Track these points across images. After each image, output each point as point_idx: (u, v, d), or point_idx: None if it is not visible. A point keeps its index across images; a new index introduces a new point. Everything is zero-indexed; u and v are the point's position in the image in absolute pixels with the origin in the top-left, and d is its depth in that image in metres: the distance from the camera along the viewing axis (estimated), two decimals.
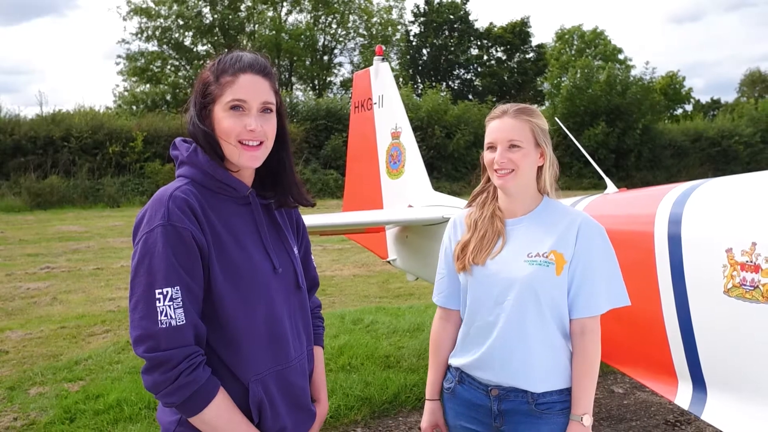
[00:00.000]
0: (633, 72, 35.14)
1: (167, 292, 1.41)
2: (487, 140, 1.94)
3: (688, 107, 50.25)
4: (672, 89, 47.15)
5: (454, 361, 2.05)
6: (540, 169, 1.93)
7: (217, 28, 38.29)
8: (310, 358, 1.74)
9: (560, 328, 1.89)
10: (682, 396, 2.43)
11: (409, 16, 51.49)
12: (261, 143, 1.55)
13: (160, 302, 1.40)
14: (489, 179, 2.01)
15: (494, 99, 35.12)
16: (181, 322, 1.42)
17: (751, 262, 2.12)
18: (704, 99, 55.99)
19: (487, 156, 1.94)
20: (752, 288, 2.11)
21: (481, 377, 1.96)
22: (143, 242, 1.44)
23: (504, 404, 1.91)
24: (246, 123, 1.52)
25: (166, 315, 1.40)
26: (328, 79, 42.50)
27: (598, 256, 1.88)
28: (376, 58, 5.56)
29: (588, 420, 1.86)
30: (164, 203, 1.45)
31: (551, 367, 1.88)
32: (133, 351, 1.45)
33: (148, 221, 1.46)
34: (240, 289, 1.52)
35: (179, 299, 1.42)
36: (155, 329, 1.40)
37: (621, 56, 44.29)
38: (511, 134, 1.88)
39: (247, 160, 1.55)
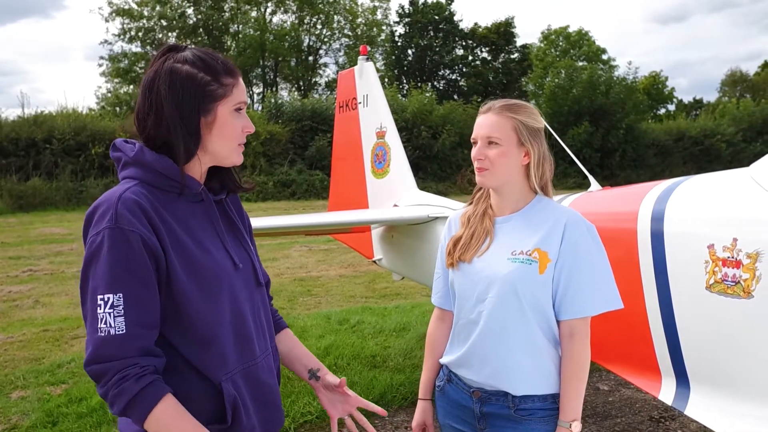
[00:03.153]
0: (616, 72, 35.48)
1: (108, 298, 1.36)
2: (472, 135, 1.93)
3: (671, 107, 50.84)
4: (655, 89, 47.61)
5: (444, 359, 2.05)
6: (528, 167, 1.89)
7: (201, 29, 38.09)
8: (275, 355, 1.72)
9: (544, 329, 1.84)
10: (666, 392, 2.45)
11: (394, 17, 51.51)
12: None
13: (100, 309, 1.36)
14: None
15: (479, 99, 35.22)
16: (121, 332, 1.36)
17: (733, 257, 2.14)
18: (687, 99, 56.66)
19: (472, 151, 1.92)
20: (734, 283, 2.13)
21: (465, 375, 1.94)
22: (89, 245, 1.39)
23: (486, 407, 1.89)
24: (245, 124, 1.57)
25: (105, 323, 1.35)
26: (314, 79, 42.44)
27: (586, 256, 1.82)
28: (360, 57, 5.55)
29: (577, 427, 1.81)
30: (112, 205, 1.40)
31: (532, 369, 1.84)
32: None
33: (96, 224, 1.40)
34: (204, 288, 1.48)
35: (120, 307, 1.36)
36: (95, 337, 1.36)
37: (605, 56, 44.65)
38: (490, 131, 1.85)
39: (240, 159, 1.59)
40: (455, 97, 37.61)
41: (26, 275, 9.65)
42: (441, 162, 27.38)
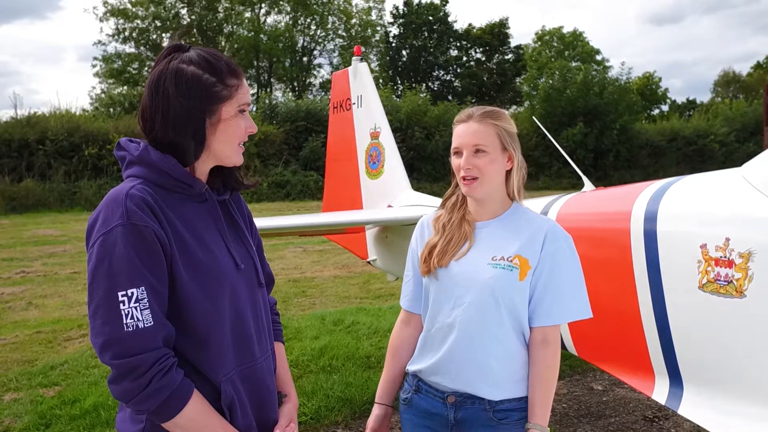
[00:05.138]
0: (610, 73, 35.59)
1: (132, 293, 1.36)
2: (453, 145, 1.91)
3: (665, 107, 51.00)
4: (648, 90, 47.74)
5: (412, 368, 2.00)
6: (509, 173, 1.90)
7: (194, 29, 38.01)
8: (273, 356, 1.73)
9: (519, 335, 1.85)
10: (659, 391, 2.45)
11: (388, 18, 51.57)
12: None
13: (124, 305, 1.35)
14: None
15: (473, 100, 35.26)
16: (149, 324, 1.37)
17: (725, 257, 2.15)
18: (681, 99, 56.86)
19: (453, 161, 1.91)
20: (726, 283, 2.14)
21: (439, 383, 1.90)
22: (100, 244, 1.38)
23: (461, 412, 1.86)
24: (248, 125, 1.58)
25: (132, 318, 1.35)
26: (308, 80, 42.43)
27: (564, 265, 1.84)
28: (354, 58, 5.55)
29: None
30: (121, 202, 1.40)
31: (508, 374, 1.84)
32: (99, 359, 1.39)
33: (104, 222, 1.40)
34: (206, 288, 1.49)
35: (145, 300, 1.37)
36: (121, 333, 1.35)
37: (599, 57, 44.74)
38: (476, 139, 1.83)
39: (241, 159, 1.61)
40: (449, 97, 37.66)
41: (19, 277, 9.61)
42: (435, 163, 27.38)
